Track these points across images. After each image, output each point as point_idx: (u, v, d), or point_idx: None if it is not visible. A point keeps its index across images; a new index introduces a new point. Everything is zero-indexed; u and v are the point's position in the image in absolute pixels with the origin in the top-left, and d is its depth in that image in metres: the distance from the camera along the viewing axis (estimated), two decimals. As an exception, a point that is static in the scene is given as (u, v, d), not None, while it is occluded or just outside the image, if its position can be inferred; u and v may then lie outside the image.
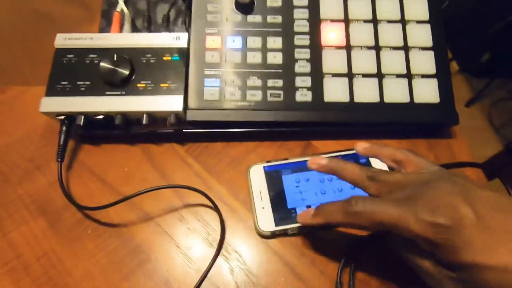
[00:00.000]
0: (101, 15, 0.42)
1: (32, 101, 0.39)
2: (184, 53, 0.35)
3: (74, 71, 0.34)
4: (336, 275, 0.27)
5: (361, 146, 0.27)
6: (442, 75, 0.35)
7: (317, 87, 0.34)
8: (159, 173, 0.33)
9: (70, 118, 0.33)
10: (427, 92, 0.35)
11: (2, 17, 0.50)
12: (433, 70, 0.35)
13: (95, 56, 0.34)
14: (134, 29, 0.39)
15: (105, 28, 0.41)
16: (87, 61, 0.34)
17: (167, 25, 0.38)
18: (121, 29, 0.39)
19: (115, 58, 0.33)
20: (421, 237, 0.19)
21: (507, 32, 1.35)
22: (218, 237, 0.29)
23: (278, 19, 0.36)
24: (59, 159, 0.31)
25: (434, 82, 0.35)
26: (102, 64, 0.33)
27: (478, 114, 1.57)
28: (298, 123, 0.34)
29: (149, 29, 0.39)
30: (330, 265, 0.28)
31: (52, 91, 0.33)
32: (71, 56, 0.34)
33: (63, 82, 0.33)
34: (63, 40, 0.35)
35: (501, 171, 0.82)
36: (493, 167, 0.84)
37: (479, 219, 0.18)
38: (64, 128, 0.32)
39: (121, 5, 0.40)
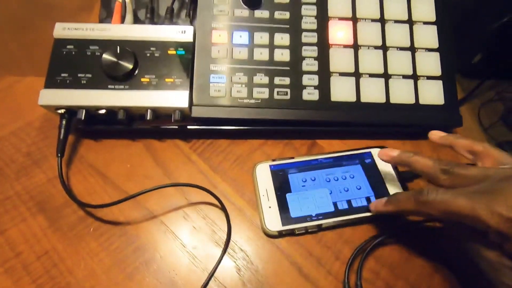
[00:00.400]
0: (101, 4, 0.40)
1: (27, 92, 0.37)
2: (189, 48, 0.34)
3: (74, 63, 0.32)
4: (344, 275, 0.27)
5: (436, 134, 0.28)
6: (447, 77, 0.36)
7: (324, 86, 0.34)
8: (162, 169, 0.33)
9: (70, 112, 0.31)
10: (432, 93, 0.35)
11: (-7, 3, 0.47)
12: (438, 72, 0.36)
13: (97, 47, 0.33)
14: (136, 20, 0.38)
15: (105, 18, 0.39)
16: (88, 53, 0.33)
17: (170, 18, 0.37)
18: (122, 20, 0.37)
19: (118, 51, 0.32)
20: (494, 229, 0.19)
21: (499, 34, 1.38)
22: (224, 236, 0.29)
23: (286, 15, 0.35)
24: (59, 154, 0.30)
25: (439, 84, 0.35)
26: (104, 56, 0.32)
27: (468, 115, 1.60)
28: (304, 122, 0.34)
29: (151, 21, 0.37)
30: (337, 265, 0.28)
31: (51, 83, 0.31)
32: (71, 47, 0.33)
33: (63, 74, 0.32)
34: (62, 30, 0.33)
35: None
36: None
37: None
38: (64, 122, 0.31)
39: (122, -5, 0.38)
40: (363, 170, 0.32)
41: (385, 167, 0.33)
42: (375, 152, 0.33)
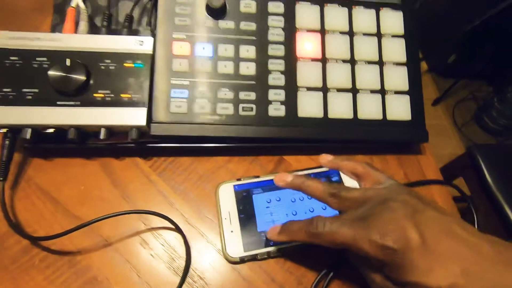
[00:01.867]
0: (54, 9, 0.37)
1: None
2: (148, 60, 0.31)
3: (18, 77, 0.29)
4: (305, 303, 0.26)
5: (325, 158, 0.29)
6: (414, 92, 0.35)
7: (291, 101, 0.33)
8: (119, 191, 0.31)
9: (13, 130, 0.29)
10: (400, 109, 0.35)
11: None
12: (406, 87, 0.35)
13: (44, 59, 0.30)
14: (92, 28, 0.35)
15: (58, 24, 0.36)
16: (35, 65, 0.30)
17: (129, 26, 0.35)
18: (76, 28, 0.34)
19: (67, 63, 0.30)
20: (372, 256, 0.21)
21: (472, 36, 1.42)
22: (183, 263, 0.27)
23: (252, 26, 0.34)
24: (1, 178, 0.28)
25: (406, 99, 0.35)
26: (51, 71, 0.29)
27: (443, 114, 1.65)
28: (270, 139, 0.32)
29: (109, 29, 0.35)
30: (300, 291, 0.27)
31: (-9, 100, 0.29)
32: (15, 58, 0.30)
33: (5, 89, 0.29)
34: (5, 39, 0.30)
35: (463, 172, 0.86)
36: (456, 168, 0.88)
37: (424, 242, 0.20)
38: (7, 143, 0.29)
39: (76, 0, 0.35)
40: (330, 189, 0.32)
41: (351, 186, 0.32)
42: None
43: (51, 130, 0.29)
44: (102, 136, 0.29)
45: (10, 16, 0.42)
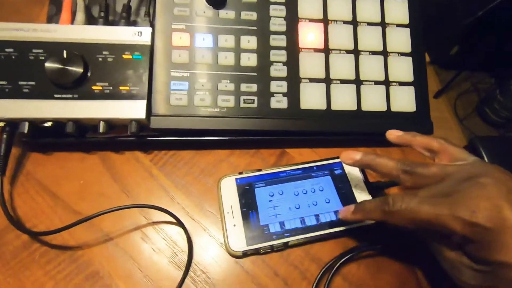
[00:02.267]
0: (50, 0, 0.36)
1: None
2: (147, 51, 0.31)
3: (14, 69, 0.29)
4: (309, 296, 0.26)
5: (393, 134, 0.28)
6: (419, 83, 0.35)
7: (293, 93, 0.32)
8: (120, 186, 0.30)
9: (11, 124, 0.28)
10: (404, 100, 0.34)
11: None
12: (411, 77, 0.34)
13: (41, 51, 0.29)
14: (89, 19, 0.34)
15: (55, 15, 0.35)
16: (31, 57, 0.29)
17: (127, 17, 0.34)
18: (73, 19, 0.34)
19: (64, 55, 0.29)
20: (459, 233, 0.20)
21: (475, 27, 1.40)
22: (186, 258, 0.27)
23: (253, 16, 0.33)
24: (0, 172, 0.27)
25: (411, 90, 0.34)
26: (48, 63, 0.28)
27: (444, 106, 1.64)
28: (272, 132, 0.32)
29: (106, 20, 0.34)
30: (304, 284, 0.27)
31: (-13, 93, 0.28)
32: (11, 50, 0.29)
33: (1, 82, 0.28)
34: (0, 30, 0.29)
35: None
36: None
37: None
38: (4, 137, 0.28)
39: (73, -10, 0.34)
40: (333, 182, 0.31)
41: (355, 178, 0.32)
42: (345, 162, 0.32)
43: (49, 124, 0.29)
44: (101, 129, 0.29)
45: (5, 7, 0.41)
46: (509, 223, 0.18)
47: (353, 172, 0.32)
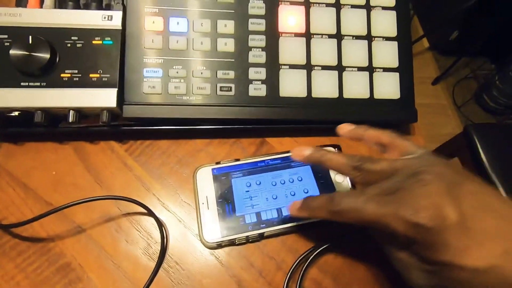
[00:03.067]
0: (18, -19, 0.34)
1: None
2: (118, 36, 0.29)
3: (-22, 56, 0.27)
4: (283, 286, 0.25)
5: (344, 128, 0.27)
6: (404, 69, 0.33)
7: (272, 80, 0.31)
8: (93, 176, 0.29)
9: (-23, 114, 0.27)
10: (388, 87, 0.33)
11: None
12: (396, 63, 0.33)
13: (5, 37, 0.28)
14: (60, 2, 0.33)
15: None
16: (-5, 43, 0.28)
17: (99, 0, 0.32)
18: (41, 3, 0.32)
19: (30, 41, 0.27)
20: (402, 234, 0.19)
21: (475, 11, 1.37)
22: (159, 249, 0.27)
23: (231, -2, 0.31)
24: (-34, 164, 0.26)
25: (396, 77, 0.33)
26: (12, 50, 0.27)
27: (442, 93, 1.62)
28: (251, 120, 0.31)
29: (77, 4, 0.32)
30: (279, 275, 0.27)
31: (-51, 81, 0.27)
32: (-26, 36, 0.28)
33: (-36, 70, 0.27)
34: (-39, 15, 0.28)
35: (459, 152, 0.85)
36: (452, 148, 0.87)
37: (461, 220, 0.18)
38: (-30, 127, 0.27)
39: (41, -29, 0.32)
40: (312, 171, 0.31)
41: (339, 179, 0.31)
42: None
43: (16, 113, 0.28)
44: (70, 119, 0.28)
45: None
46: (449, 222, 0.18)
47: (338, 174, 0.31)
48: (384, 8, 0.34)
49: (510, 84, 1.44)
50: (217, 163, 0.30)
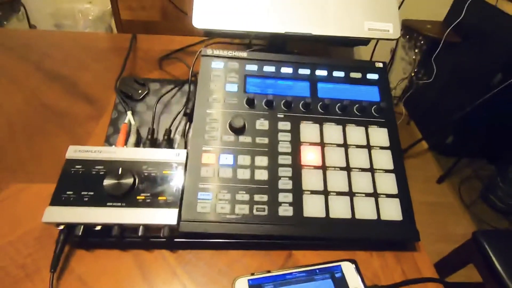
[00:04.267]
0: (110, 122, 0.47)
1: (32, 200, 0.41)
2: (182, 168, 0.39)
3: (80, 182, 0.37)
4: None
5: None
6: (403, 195, 0.41)
7: (297, 203, 0.39)
8: (147, 285, 0.35)
9: (69, 227, 0.35)
10: (392, 210, 0.40)
11: (12, 110, 0.54)
12: (395, 191, 0.41)
13: (101, 167, 0.38)
14: (138, 138, 0.45)
15: (111, 135, 0.46)
16: (93, 172, 0.38)
17: (168, 139, 0.44)
18: (126, 139, 0.44)
19: (120, 172, 0.37)
20: None
21: (466, 121, 1.53)
22: None
23: (265, 140, 0.42)
24: (52, 269, 0.33)
25: (396, 202, 0.41)
26: (107, 179, 0.36)
27: (449, 192, 1.67)
28: (281, 236, 0.38)
29: (152, 140, 0.44)
30: None
31: (57, 201, 0.36)
32: (79, 166, 0.38)
33: (68, 192, 0.36)
34: (73, 152, 0.39)
35: (472, 258, 0.86)
36: (464, 255, 0.88)
37: None
38: (62, 237, 0.34)
39: (129, 117, 0.45)
40: (334, 285, 0.35)
41: (353, 281, 0.36)
42: (344, 265, 0.37)
43: (99, 227, 0.35)
44: (140, 233, 0.35)
45: (70, 122, 0.52)
46: None
47: (351, 276, 0.36)
48: (381, 148, 0.44)
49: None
50: (252, 274, 0.36)
